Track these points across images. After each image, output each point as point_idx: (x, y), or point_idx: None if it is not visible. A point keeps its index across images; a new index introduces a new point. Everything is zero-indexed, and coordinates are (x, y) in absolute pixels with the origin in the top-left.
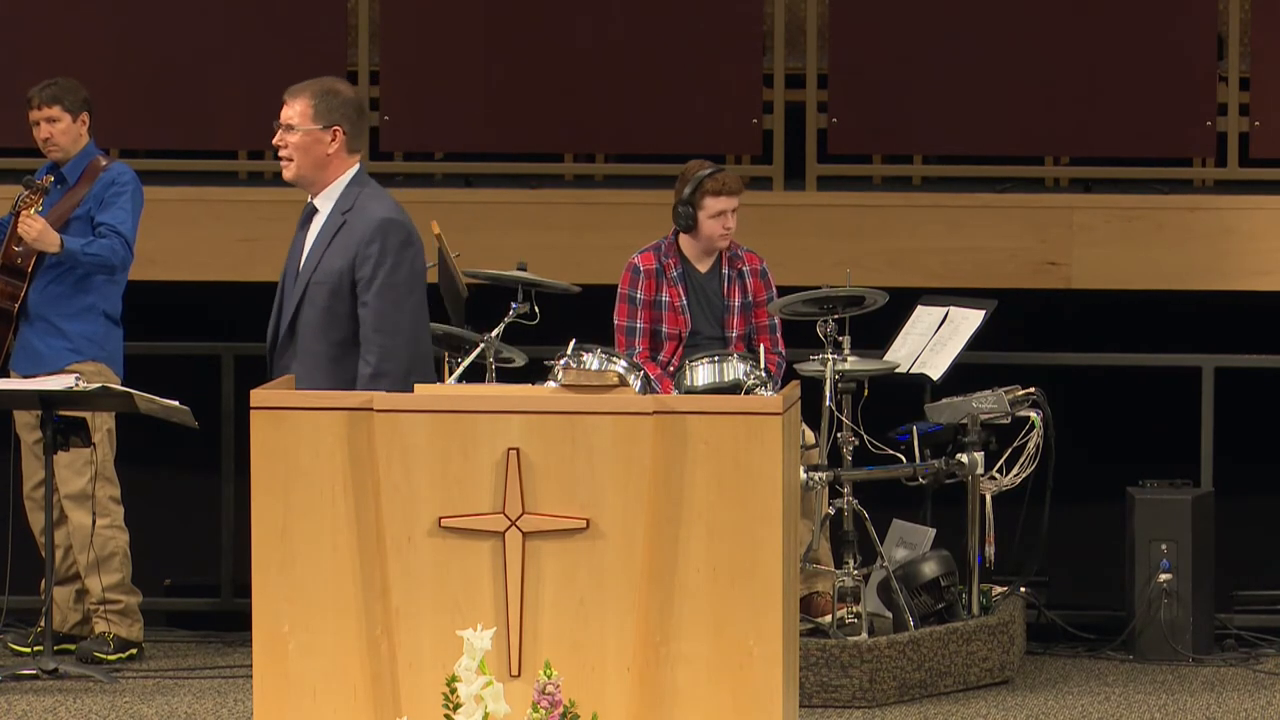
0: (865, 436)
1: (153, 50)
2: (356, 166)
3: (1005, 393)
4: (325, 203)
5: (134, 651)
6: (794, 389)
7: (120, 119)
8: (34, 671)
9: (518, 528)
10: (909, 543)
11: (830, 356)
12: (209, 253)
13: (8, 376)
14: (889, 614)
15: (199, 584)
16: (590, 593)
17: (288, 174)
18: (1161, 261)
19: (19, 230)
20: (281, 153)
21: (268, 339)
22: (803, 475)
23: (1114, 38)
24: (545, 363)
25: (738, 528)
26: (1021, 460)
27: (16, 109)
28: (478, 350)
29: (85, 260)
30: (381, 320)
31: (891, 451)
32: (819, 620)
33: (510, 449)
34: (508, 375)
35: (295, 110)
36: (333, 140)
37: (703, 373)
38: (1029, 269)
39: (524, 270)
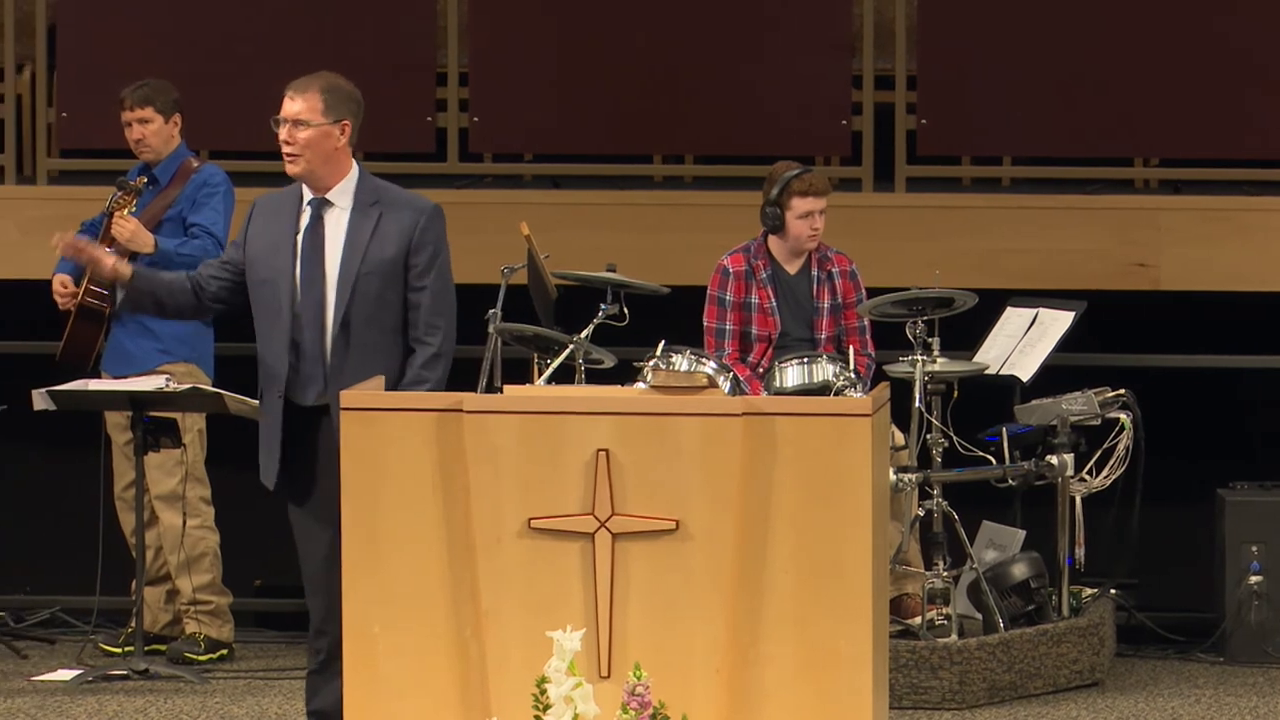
0: (955, 438)
1: (241, 51)
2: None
3: (1095, 394)
4: (342, 198)
5: (224, 652)
6: (883, 390)
7: (210, 120)
8: (125, 672)
9: (607, 529)
10: (999, 544)
11: (920, 358)
12: None
13: (99, 377)
14: (979, 616)
15: (289, 585)
16: (679, 594)
17: (294, 169)
18: (1250, 262)
19: (112, 231)
20: (287, 149)
21: (302, 338)
22: (892, 477)
23: (1203, 39)
24: (634, 364)
25: (826, 529)
26: (1111, 462)
27: (109, 111)
28: (567, 351)
29: (179, 260)
30: (438, 303)
31: (981, 453)
32: (909, 622)
33: (599, 450)
34: (597, 376)
35: (304, 105)
36: (341, 135)
37: (792, 374)
38: (1117, 270)
39: (613, 271)
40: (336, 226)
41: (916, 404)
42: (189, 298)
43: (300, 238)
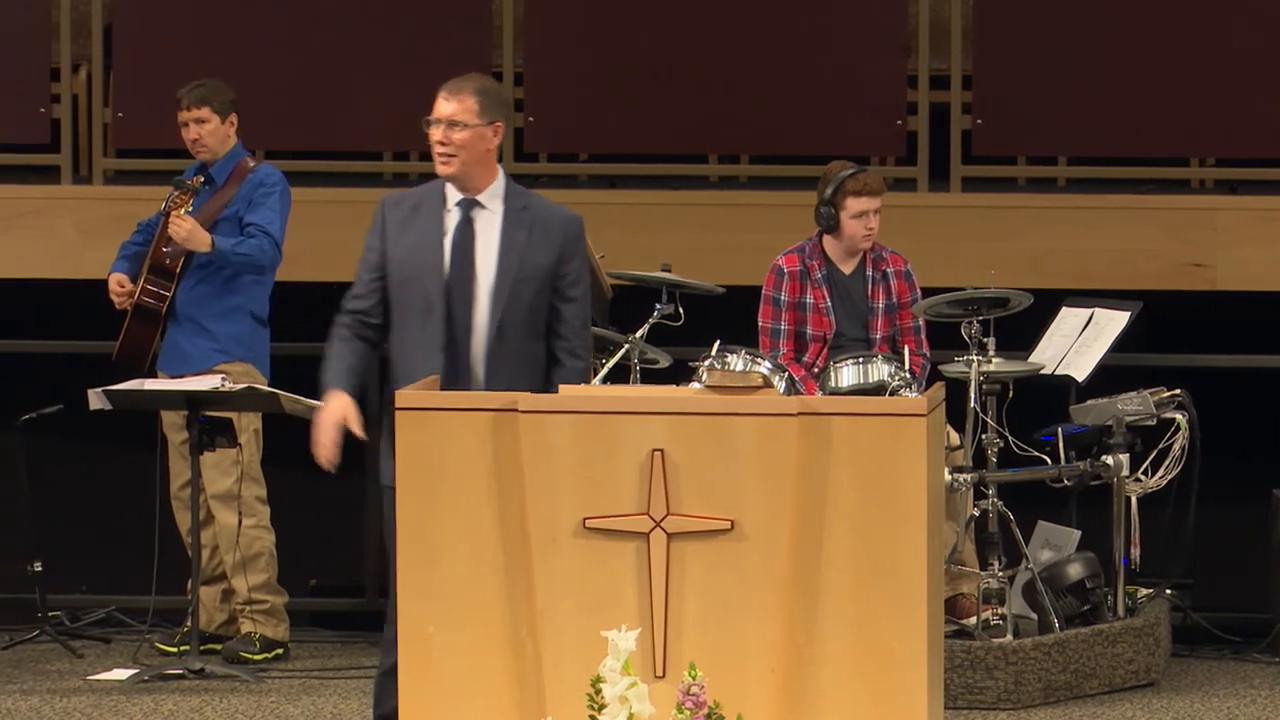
0: (1010, 438)
1: (297, 52)
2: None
3: (1150, 394)
4: (492, 201)
5: (280, 651)
6: (938, 390)
7: (265, 120)
8: (180, 671)
9: (662, 529)
10: (1054, 544)
11: (975, 358)
12: (353, 254)
13: (155, 377)
14: (1034, 616)
15: (344, 584)
16: (734, 594)
17: (448, 170)
18: None
19: (169, 230)
20: (442, 149)
21: (456, 341)
22: (947, 477)
23: (1259, 38)
24: (689, 364)
25: (882, 529)
26: (1167, 462)
27: (165, 111)
28: (622, 351)
29: (235, 260)
30: (587, 316)
31: (1036, 453)
32: (964, 622)
33: (655, 450)
34: (652, 376)
35: (461, 106)
36: (494, 136)
37: (847, 374)
38: (1173, 270)
39: (668, 271)
40: (488, 229)
41: (972, 404)
42: (371, 349)
43: (449, 238)
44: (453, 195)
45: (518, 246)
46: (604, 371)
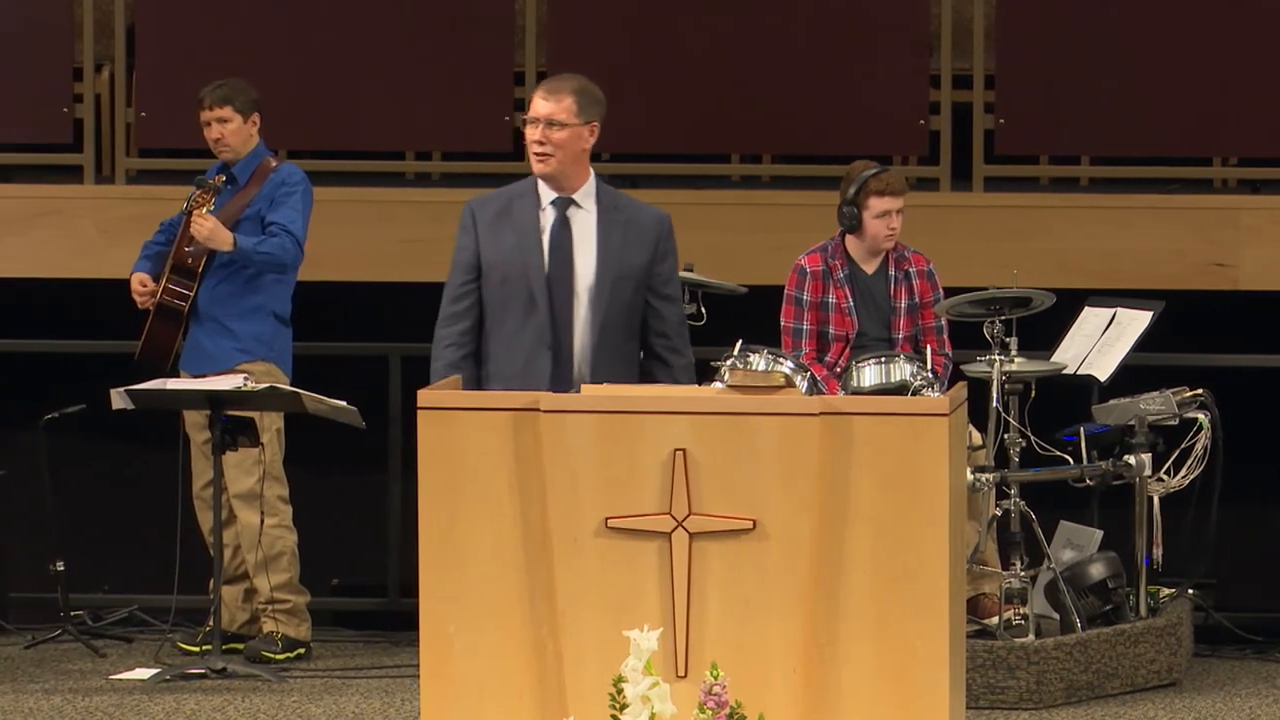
0: (1032, 438)
1: (320, 51)
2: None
3: (1173, 394)
4: (586, 200)
5: (301, 651)
6: (960, 390)
7: (287, 119)
8: (202, 670)
9: (684, 529)
10: (1076, 544)
11: (997, 357)
12: (375, 253)
13: (177, 376)
14: (1056, 615)
15: (366, 584)
16: (756, 594)
17: (545, 168)
18: None
19: (191, 230)
20: (540, 148)
21: (559, 340)
22: (969, 476)
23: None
24: (712, 363)
25: (904, 529)
26: (1189, 462)
27: (187, 111)
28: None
29: (258, 259)
30: (684, 313)
31: (1058, 453)
32: (986, 622)
33: (677, 450)
34: None
35: (559, 106)
36: (590, 136)
37: (869, 374)
38: (1196, 270)
39: (690, 271)
40: (584, 228)
41: (994, 404)
42: (476, 364)
43: (546, 237)
44: (546, 194)
45: (614, 246)
46: None
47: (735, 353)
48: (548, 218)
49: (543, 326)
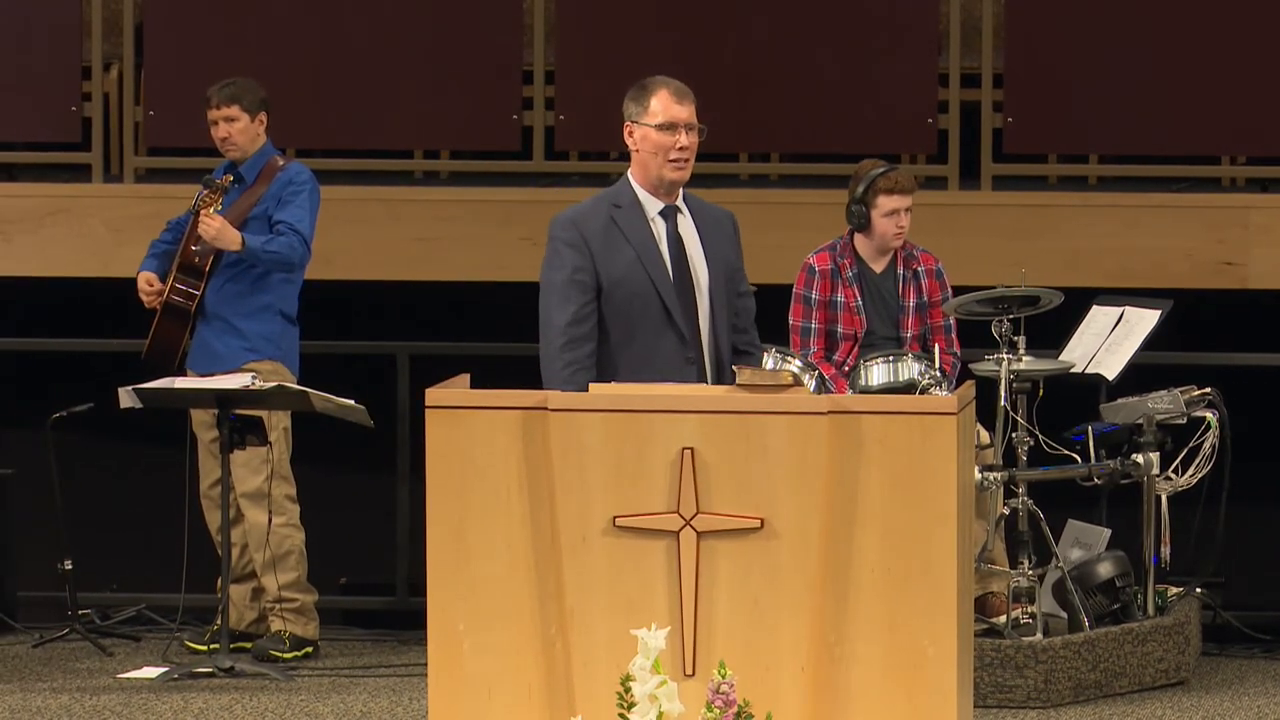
0: (1040, 436)
1: (328, 50)
2: None
3: (1181, 393)
4: (683, 205)
5: (309, 650)
6: (969, 389)
7: (296, 118)
8: (210, 669)
9: (692, 527)
10: (1084, 543)
11: (1005, 356)
12: (384, 252)
13: (184, 375)
14: (1064, 614)
15: (374, 582)
16: (764, 593)
17: (684, 176)
18: None
19: (199, 229)
20: (683, 154)
21: (693, 349)
22: (978, 475)
23: None
24: None
25: (912, 528)
26: (1197, 461)
27: (196, 109)
28: None
29: (265, 258)
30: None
31: (1067, 452)
32: (994, 620)
33: (685, 448)
34: None
35: (694, 110)
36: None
37: (877, 373)
38: (1205, 269)
39: None
40: (690, 235)
41: (1002, 402)
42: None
43: (665, 247)
44: (651, 204)
45: (715, 250)
46: None
47: None
48: (659, 228)
49: (679, 341)
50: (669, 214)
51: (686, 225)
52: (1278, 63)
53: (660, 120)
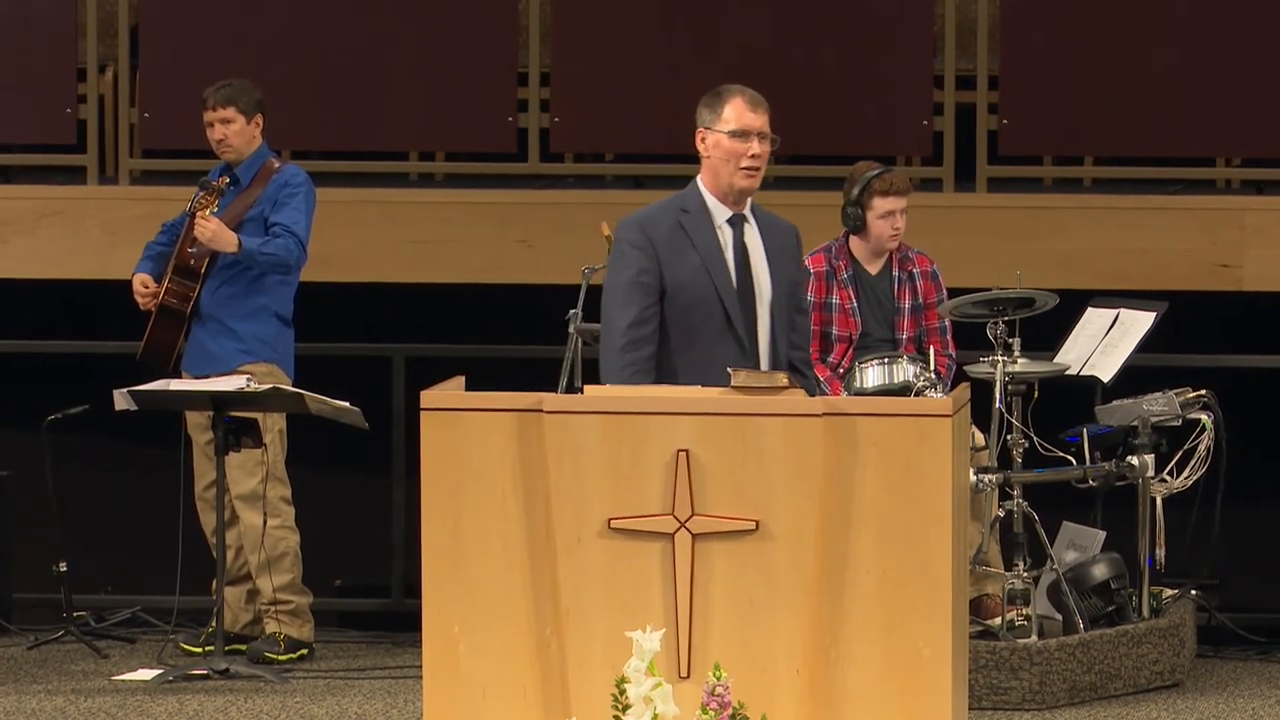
0: (1035, 439)
1: (323, 52)
2: None
3: (1176, 395)
4: (750, 215)
5: (304, 652)
6: (964, 391)
7: (292, 120)
8: (205, 671)
9: (687, 529)
10: (1079, 545)
11: (1000, 358)
12: (380, 254)
13: (180, 377)
14: (1059, 616)
15: (369, 584)
16: (760, 594)
17: (755, 184)
18: None
19: (195, 231)
20: (754, 163)
21: (750, 359)
22: (972, 477)
23: None
24: None
25: (908, 530)
26: (1192, 463)
27: (191, 111)
28: None
29: (262, 260)
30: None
31: (1061, 454)
32: (989, 622)
33: (680, 450)
34: None
35: (768, 119)
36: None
37: (872, 374)
38: (1200, 271)
39: None
40: (755, 246)
41: (997, 404)
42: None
43: (730, 255)
44: (719, 211)
45: (779, 262)
46: None
47: None
48: (726, 236)
49: (739, 348)
50: (736, 222)
51: (753, 235)
52: (1273, 65)
53: (733, 127)
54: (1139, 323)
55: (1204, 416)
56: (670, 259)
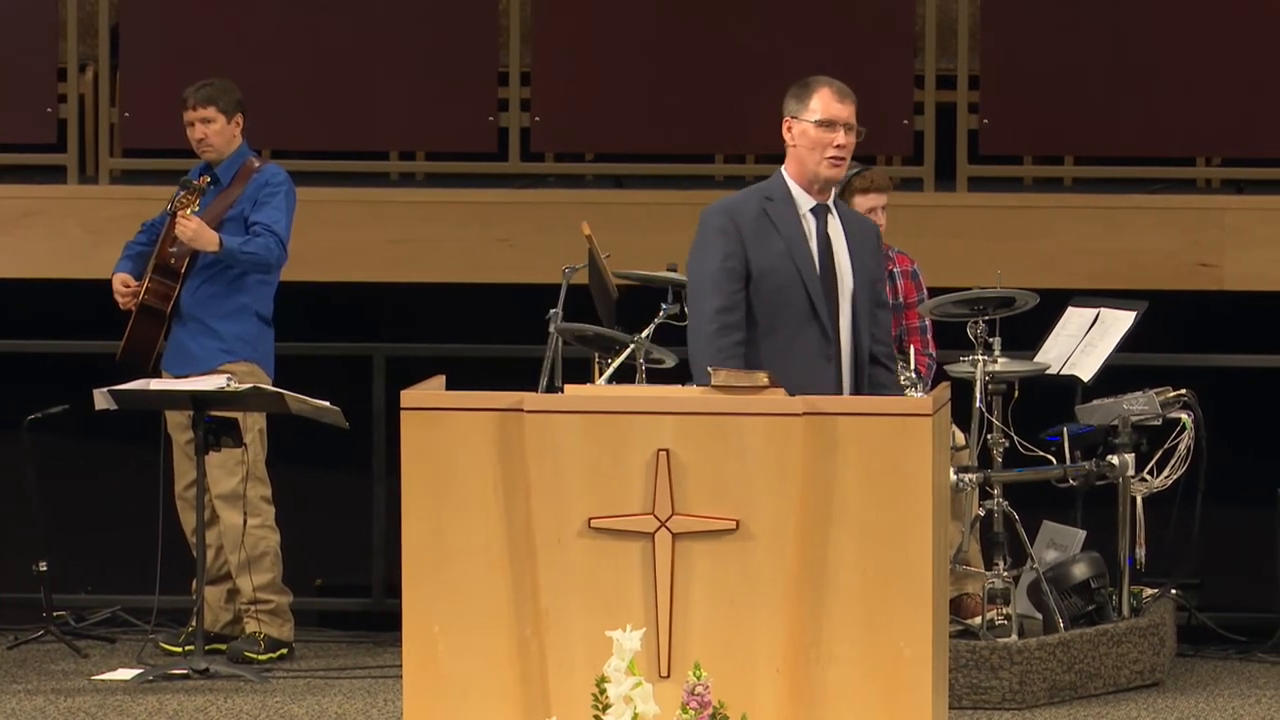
0: (1015, 438)
1: (304, 52)
2: None
3: (1156, 394)
4: (834, 207)
5: (284, 651)
6: (944, 390)
7: (272, 120)
8: (185, 671)
9: (667, 529)
10: (1059, 544)
11: (981, 358)
12: (360, 253)
13: (160, 377)
14: (1039, 616)
15: (350, 584)
16: (740, 594)
17: (838, 174)
18: None
19: (175, 230)
20: (840, 152)
21: (833, 349)
22: (953, 476)
23: (1265, 38)
24: None
25: (888, 529)
26: (1172, 462)
27: (172, 111)
28: (628, 351)
29: (243, 259)
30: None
31: (1042, 453)
32: (969, 622)
33: (660, 450)
34: (658, 376)
35: (854, 110)
36: None
37: None
38: (1181, 270)
39: (674, 271)
40: (839, 236)
41: (977, 404)
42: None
43: (815, 245)
44: (803, 200)
45: (860, 254)
46: (610, 371)
47: None
48: (810, 225)
49: (820, 336)
50: (820, 212)
51: (835, 226)
52: (1253, 64)
53: (820, 117)
54: (1119, 322)
55: (1184, 416)
56: (755, 244)
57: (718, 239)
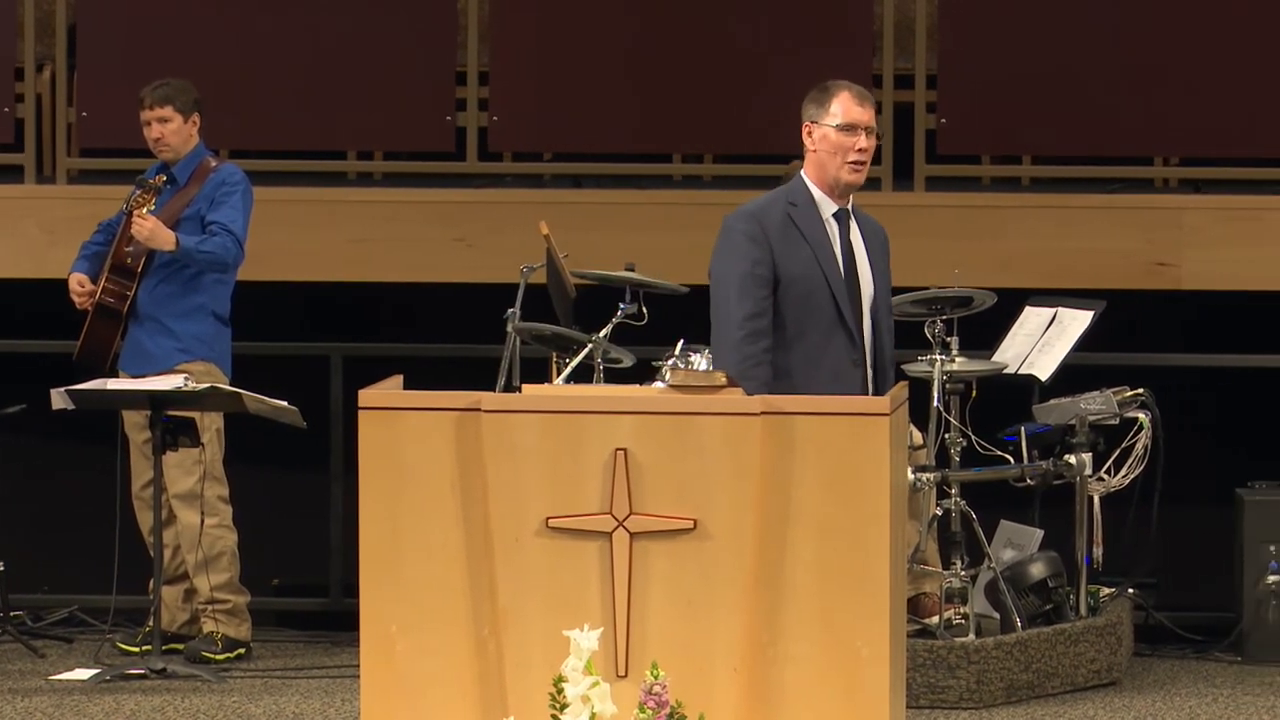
0: (973, 437)
1: (262, 51)
2: None
3: (1114, 394)
4: (854, 212)
5: (242, 651)
6: (902, 390)
7: (229, 119)
8: (142, 671)
9: (625, 528)
10: (1017, 544)
11: (938, 357)
12: (318, 253)
13: (117, 376)
14: (996, 615)
15: (307, 584)
16: (698, 593)
17: (859, 179)
18: (1272, 262)
19: (132, 229)
20: (862, 157)
21: (861, 354)
22: (910, 476)
23: (1222, 37)
24: (653, 363)
25: (845, 528)
26: (1130, 461)
27: (129, 110)
28: (586, 351)
29: (199, 258)
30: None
31: (999, 452)
32: (926, 621)
33: (618, 449)
34: (616, 376)
35: (873, 114)
36: None
37: None
38: (1138, 270)
39: (632, 271)
40: (858, 240)
41: (935, 403)
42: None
43: (838, 248)
44: (826, 205)
45: (877, 260)
46: (567, 371)
47: (676, 353)
48: (833, 229)
49: (849, 341)
50: (842, 217)
51: (856, 232)
52: (1210, 64)
53: (840, 121)
54: (1077, 321)
55: (1141, 415)
56: (783, 250)
57: (746, 244)
